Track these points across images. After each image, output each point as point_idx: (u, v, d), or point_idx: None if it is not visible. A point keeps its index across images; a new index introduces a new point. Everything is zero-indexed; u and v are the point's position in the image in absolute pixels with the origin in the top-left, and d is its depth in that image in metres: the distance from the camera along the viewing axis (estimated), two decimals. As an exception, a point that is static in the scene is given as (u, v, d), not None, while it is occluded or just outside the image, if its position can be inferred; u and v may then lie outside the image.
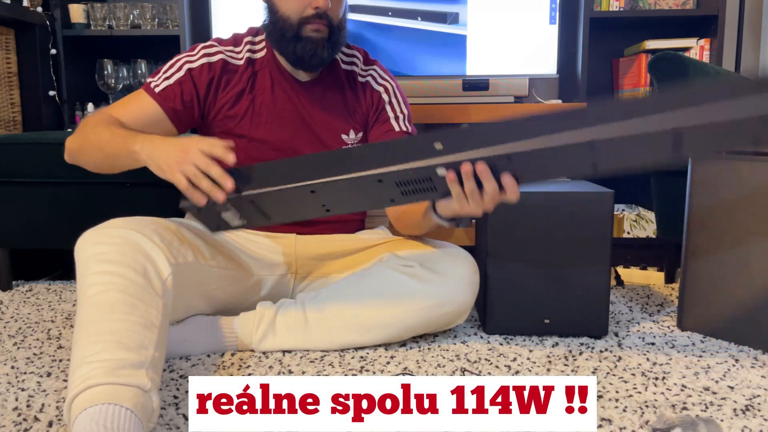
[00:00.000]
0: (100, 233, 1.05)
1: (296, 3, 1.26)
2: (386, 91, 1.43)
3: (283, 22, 1.28)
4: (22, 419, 1.01)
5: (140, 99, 1.30)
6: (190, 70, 1.31)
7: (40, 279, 2.01)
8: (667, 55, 1.88)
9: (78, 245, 1.05)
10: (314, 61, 1.30)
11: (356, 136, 1.42)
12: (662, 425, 0.94)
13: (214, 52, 1.34)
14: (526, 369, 1.22)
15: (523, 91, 2.16)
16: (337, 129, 1.39)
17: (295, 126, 1.36)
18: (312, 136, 1.38)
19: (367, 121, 1.43)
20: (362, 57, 1.45)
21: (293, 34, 1.27)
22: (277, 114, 1.35)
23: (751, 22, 2.49)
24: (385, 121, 1.41)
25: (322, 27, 1.27)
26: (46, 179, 1.77)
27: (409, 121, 1.43)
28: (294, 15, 1.26)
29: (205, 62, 1.32)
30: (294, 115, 1.36)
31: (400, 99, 1.44)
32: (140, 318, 0.96)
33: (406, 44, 2.15)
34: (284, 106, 1.36)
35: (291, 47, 1.29)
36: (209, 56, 1.33)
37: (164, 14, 2.38)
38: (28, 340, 1.41)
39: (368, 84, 1.43)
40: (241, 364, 1.24)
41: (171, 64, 1.32)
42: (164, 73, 1.31)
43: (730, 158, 1.35)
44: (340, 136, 1.39)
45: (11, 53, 2.16)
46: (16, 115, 2.18)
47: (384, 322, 1.28)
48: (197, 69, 1.32)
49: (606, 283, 1.38)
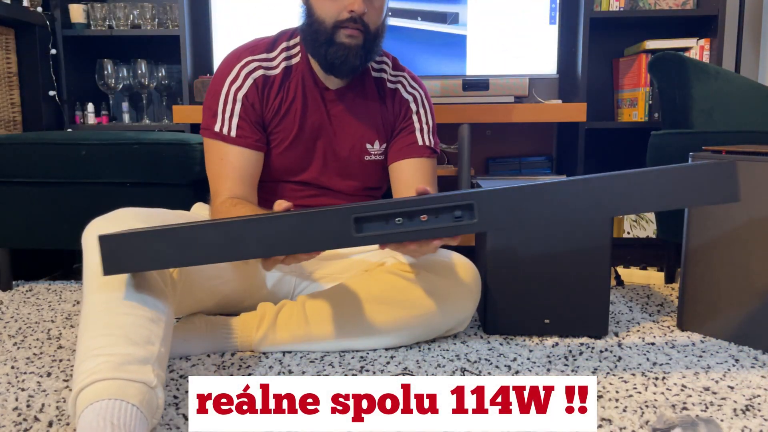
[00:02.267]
0: (108, 222, 1.05)
1: (332, 6, 1.24)
2: (414, 100, 1.42)
3: (318, 25, 1.26)
4: (22, 419, 1.01)
5: (227, 156, 1.30)
6: (246, 96, 1.31)
7: (40, 279, 2.01)
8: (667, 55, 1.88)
9: (86, 233, 1.04)
10: (345, 68, 1.28)
11: (380, 147, 1.41)
12: (662, 425, 0.94)
13: (254, 68, 1.33)
14: (526, 369, 1.22)
15: (523, 91, 2.16)
16: (362, 139, 1.39)
17: (320, 134, 1.37)
18: (334, 147, 1.38)
19: (393, 129, 1.42)
20: (391, 62, 1.44)
21: (326, 38, 1.26)
22: (305, 122, 1.36)
23: (751, 22, 2.49)
24: (411, 132, 1.40)
25: (357, 33, 1.25)
26: (46, 179, 1.77)
27: (434, 133, 1.43)
28: (329, 18, 1.25)
29: (251, 83, 1.32)
30: (321, 126, 1.36)
31: (428, 108, 1.43)
32: (147, 312, 0.96)
33: (406, 44, 2.15)
34: (313, 115, 1.36)
35: (323, 51, 1.27)
36: (251, 74, 1.33)
37: (164, 14, 2.38)
38: (28, 340, 1.41)
39: (398, 92, 1.41)
40: (241, 364, 1.24)
41: (224, 99, 1.31)
42: (223, 113, 1.31)
43: (730, 158, 1.35)
44: (364, 145, 1.39)
45: (11, 53, 2.16)
46: (16, 115, 2.18)
47: (386, 329, 1.28)
48: (249, 92, 1.32)
49: (606, 283, 1.38)
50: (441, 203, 0.93)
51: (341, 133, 1.37)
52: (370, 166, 1.40)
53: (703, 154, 1.40)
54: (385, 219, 0.93)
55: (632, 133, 2.41)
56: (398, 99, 1.41)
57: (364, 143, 1.39)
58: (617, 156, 2.50)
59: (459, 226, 0.93)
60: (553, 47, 2.15)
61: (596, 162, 2.48)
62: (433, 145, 1.41)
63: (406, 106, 1.41)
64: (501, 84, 2.14)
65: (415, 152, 1.39)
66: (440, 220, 0.94)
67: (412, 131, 1.40)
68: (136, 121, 2.49)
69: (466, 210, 0.93)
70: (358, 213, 0.92)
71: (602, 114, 2.51)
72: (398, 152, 1.40)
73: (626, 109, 2.40)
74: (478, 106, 2.04)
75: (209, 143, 1.33)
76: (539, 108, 2.06)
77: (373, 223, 0.93)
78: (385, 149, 1.41)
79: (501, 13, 2.14)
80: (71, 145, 1.74)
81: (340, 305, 1.28)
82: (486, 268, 1.40)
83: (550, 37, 2.15)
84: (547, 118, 2.07)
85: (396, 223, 0.93)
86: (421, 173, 1.39)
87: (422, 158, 1.40)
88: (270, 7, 2.16)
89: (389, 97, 1.41)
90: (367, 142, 1.39)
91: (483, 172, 2.47)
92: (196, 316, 1.31)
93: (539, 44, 2.16)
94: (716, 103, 1.84)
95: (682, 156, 1.55)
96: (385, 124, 1.40)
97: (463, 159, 2.04)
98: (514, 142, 2.48)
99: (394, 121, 1.41)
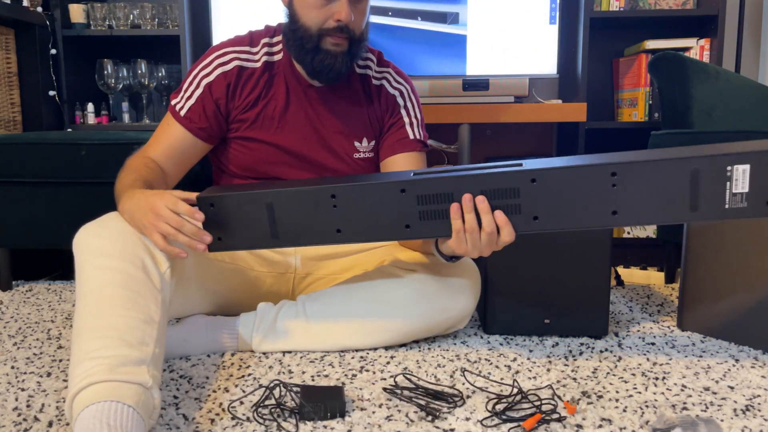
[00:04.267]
0: (99, 226, 1.05)
1: (318, 14, 1.23)
2: (401, 95, 1.41)
3: (303, 32, 1.25)
4: (22, 419, 1.01)
5: (170, 127, 1.32)
6: (209, 85, 1.31)
7: (40, 279, 2.01)
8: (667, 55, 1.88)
9: (77, 238, 1.05)
10: (331, 75, 1.28)
11: (369, 144, 1.40)
12: (662, 425, 0.94)
13: (229, 59, 1.32)
14: (526, 369, 1.22)
15: (523, 91, 2.16)
16: (350, 136, 1.38)
17: (306, 132, 1.35)
18: (323, 143, 1.37)
19: (381, 126, 1.41)
20: (376, 59, 1.42)
21: (312, 46, 1.25)
22: (288, 120, 1.35)
23: (751, 22, 2.49)
24: (400, 127, 1.40)
25: (342, 41, 1.25)
26: (46, 179, 1.77)
27: (422, 127, 1.42)
28: (314, 26, 1.24)
29: (220, 72, 1.31)
30: (305, 122, 1.35)
31: (415, 102, 1.43)
32: (140, 313, 0.97)
33: (406, 44, 2.15)
34: (297, 113, 1.35)
35: (309, 58, 1.27)
36: (224, 65, 1.31)
37: (164, 14, 2.38)
38: (28, 340, 1.41)
39: (383, 87, 1.40)
40: (241, 364, 1.24)
41: (190, 81, 1.32)
42: (185, 92, 1.32)
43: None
44: (353, 143, 1.38)
45: (11, 53, 2.16)
46: (16, 115, 2.18)
47: (385, 327, 1.28)
48: (215, 81, 1.31)
49: (606, 283, 1.38)
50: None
51: (330, 130, 1.37)
52: (360, 163, 1.40)
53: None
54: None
55: (632, 133, 2.41)
56: (384, 95, 1.40)
57: (352, 141, 1.38)
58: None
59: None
60: (553, 47, 2.15)
61: (596, 162, 2.48)
62: (422, 138, 1.41)
63: (393, 101, 1.40)
64: (501, 84, 2.14)
65: (407, 146, 1.39)
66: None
67: (402, 126, 1.40)
68: (136, 121, 2.49)
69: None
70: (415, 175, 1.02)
71: (602, 114, 2.51)
72: (390, 147, 1.39)
73: (626, 109, 2.40)
74: (478, 106, 2.04)
75: (165, 116, 1.35)
76: (539, 108, 2.06)
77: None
78: (374, 146, 1.41)
79: (501, 13, 2.14)
80: (71, 145, 1.74)
81: (340, 305, 1.28)
82: (486, 267, 1.40)
83: (550, 37, 2.15)
84: (547, 118, 2.07)
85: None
86: (414, 167, 1.39)
87: (414, 152, 1.39)
88: (270, 7, 2.16)
89: (375, 94, 1.40)
90: (355, 140, 1.39)
91: (483, 172, 2.46)
92: (196, 317, 1.31)
93: (539, 44, 2.16)
94: (716, 103, 1.84)
95: (682, 156, 1.55)
96: (372, 121, 1.40)
97: (463, 159, 2.04)
98: (514, 142, 2.48)
99: (382, 117, 1.40)
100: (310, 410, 0.98)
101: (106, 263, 0.99)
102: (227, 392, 1.11)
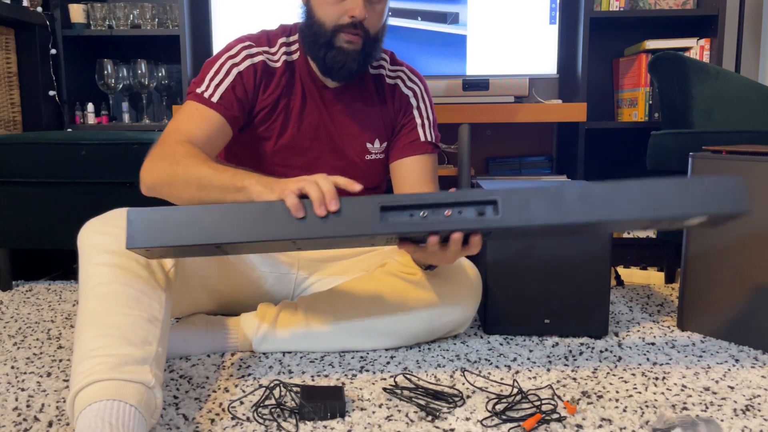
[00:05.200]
0: (104, 223, 1.04)
1: (333, 9, 1.23)
2: (414, 95, 1.40)
3: (318, 28, 1.25)
4: (22, 419, 1.01)
5: (203, 113, 1.23)
6: (240, 74, 1.27)
7: (40, 279, 2.01)
8: (668, 55, 1.88)
9: (81, 234, 1.03)
10: (343, 73, 1.27)
11: (381, 145, 1.39)
12: (662, 425, 0.94)
13: (255, 52, 1.30)
14: (526, 369, 1.22)
15: (523, 91, 2.16)
16: (362, 138, 1.37)
17: (318, 134, 1.35)
18: (333, 146, 1.36)
19: (394, 126, 1.40)
20: (389, 58, 1.42)
21: (326, 41, 1.24)
22: (302, 121, 1.34)
23: (751, 22, 2.49)
24: (412, 128, 1.39)
25: (356, 38, 1.24)
26: (46, 179, 1.77)
27: (434, 127, 1.42)
28: (329, 22, 1.23)
29: (249, 63, 1.28)
30: (319, 124, 1.35)
31: (428, 103, 1.42)
32: (144, 312, 0.96)
33: (406, 44, 2.15)
34: (311, 114, 1.34)
35: (321, 54, 1.26)
36: (252, 57, 1.29)
37: (164, 14, 2.38)
38: (28, 340, 1.41)
39: (397, 87, 1.40)
40: (241, 364, 1.24)
41: (216, 69, 1.27)
42: (212, 80, 1.26)
43: (730, 158, 1.35)
44: (365, 145, 1.38)
45: (11, 53, 2.16)
46: (16, 115, 2.18)
47: (386, 329, 1.28)
48: (245, 71, 1.28)
49: (606, 283, 1.38)
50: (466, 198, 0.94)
51: (342, 132, 1.37)
52: (371, 165, 1.40)
53: (703, 154, 1.40)
54: (410, 210, 0.94)
55: (632, 133, 2.41)
56: (398, 95, 1.40)
57: (365, 142, 1.38)
58: (617, 156, 2.50)
59: (482, 220, 0.94)
60: (553, 47, 2.15)
61: (596, 162, 2.48)
62: (434, 140, 1.41)
63: (406, 101, 1.40)
64: (501, 84, 2.14)
65: (417, 149, 1.38)
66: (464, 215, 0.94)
67: (414, 127, 1.39)
68: (136, 121, 2.49)
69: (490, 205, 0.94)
70: (385, 203, 0.94)
71: (602, 114, 2.51)
72: (401, 150, 1.39)
73: (626, 109, 2.40)
74: (478, 106, 2.04)
75: (185, 105, 1.27)
76: (539, 108, 2.07)
77: (399, 213, 0.94)
78: (385, 148, 1.41)
79: (501, 13, 2.14)
80: (71, 145, 1.74)
81: (341, 306, 1.28)
82: (486, 268, 1.40)
83: (550, 37, 2.15)
84: (547, 118, 2.07)
85: (420, 216, 0.94)
86: (424, 170, 1.39)
87: (424, 155, 1.39)
88: (270, 7, 2.16)
89: (389, 94, 1.39)
90: (367, 142, 1.38)
91: (483, 172, 2.47)
92: (196, 316, 1.31)
93: (539, 44, 2.16)
94: (716, 103, 1.84)
95: (681, 156, 1.55)
96: (385, 122, 1.39)
97: (463, 159, 2.04)
98: (514, 142, 2.48)
99: (395, 117, 1.40)
100: (310, 410, 0.99)
101: (110, 260, 0.99)
102: (227, 392, 1.11)
